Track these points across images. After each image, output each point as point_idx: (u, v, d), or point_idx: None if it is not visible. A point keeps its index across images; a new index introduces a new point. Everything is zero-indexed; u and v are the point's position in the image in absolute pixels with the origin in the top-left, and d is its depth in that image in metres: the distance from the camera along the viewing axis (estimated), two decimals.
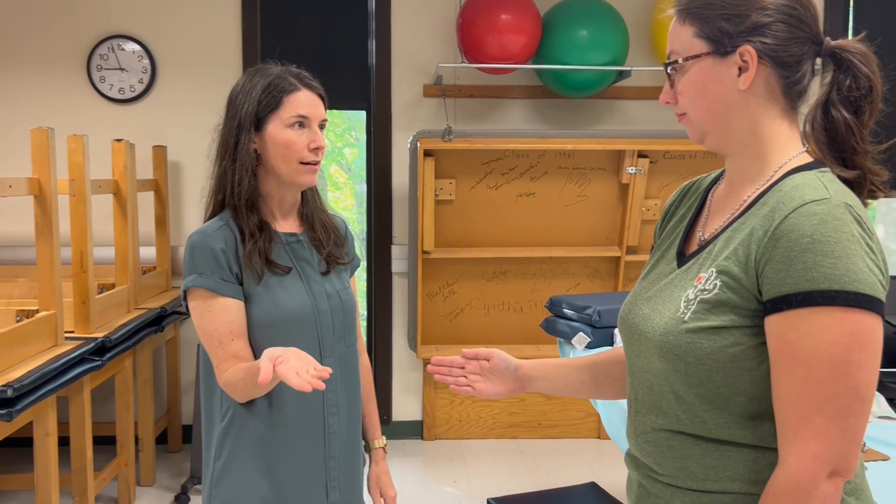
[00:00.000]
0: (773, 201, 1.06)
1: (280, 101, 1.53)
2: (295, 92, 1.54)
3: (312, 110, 1.55)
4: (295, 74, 1.57)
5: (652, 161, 3.93)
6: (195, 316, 1.51)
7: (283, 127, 1.52)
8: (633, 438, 1.21)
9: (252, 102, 1.53)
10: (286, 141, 1.52)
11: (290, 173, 1.54)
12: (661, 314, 1.13)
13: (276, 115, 1.53)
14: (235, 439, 1.54)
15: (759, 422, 1.06)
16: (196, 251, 1.51)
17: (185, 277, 1.52)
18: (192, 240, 1.53)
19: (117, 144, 3.35)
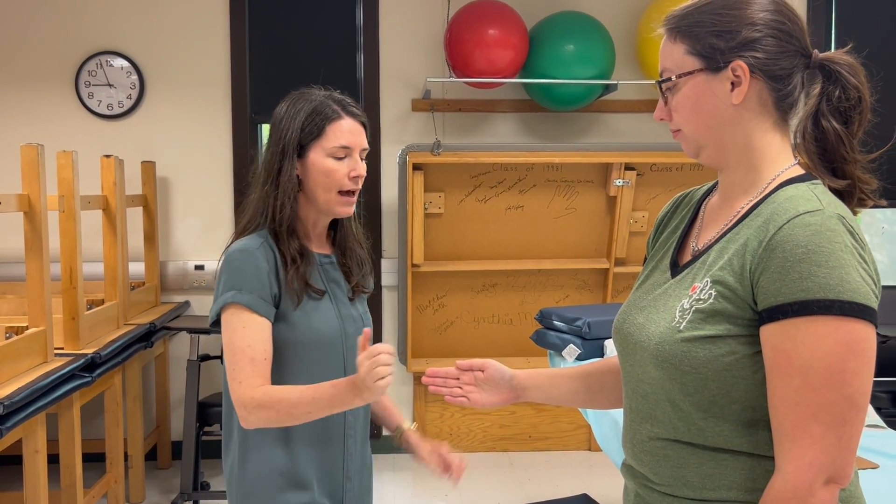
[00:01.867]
0: (767, 212, 1.08)
1: (323, 130, 1.52)
2: (338, 120, 1.53)
3: (355, 139, 1.55)
4: (338, 101, 1.56)
5: (639, 173, 3.96)
6: (228, 330, 1.46)
7: (324, 155, 1.52)
8: (629, 448, 1.22)
9: (295, 129, 1.52)
10: (327, 170, 1.52)
11: (327, 202, 1.54)
12: (657, 323, 1.14)
13: (319, 143, 1.52)
14: (255, 466, 1.53)
15: (756, 430, 1.07)
16: (238, 267, 1.48)
17: (224, 292, 1.47)
18: (234, 255, 1.49)
19: (106, 160, 3.35)
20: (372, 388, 1.33)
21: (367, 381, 1.34)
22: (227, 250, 1.53)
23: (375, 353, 1.33)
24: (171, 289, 4.08)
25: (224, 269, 1.50)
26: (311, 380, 1.47)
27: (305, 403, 1.41)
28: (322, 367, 1.54)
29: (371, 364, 1.33)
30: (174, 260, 4.08)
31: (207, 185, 4.08)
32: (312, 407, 1.41)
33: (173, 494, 3.60)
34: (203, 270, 4.08)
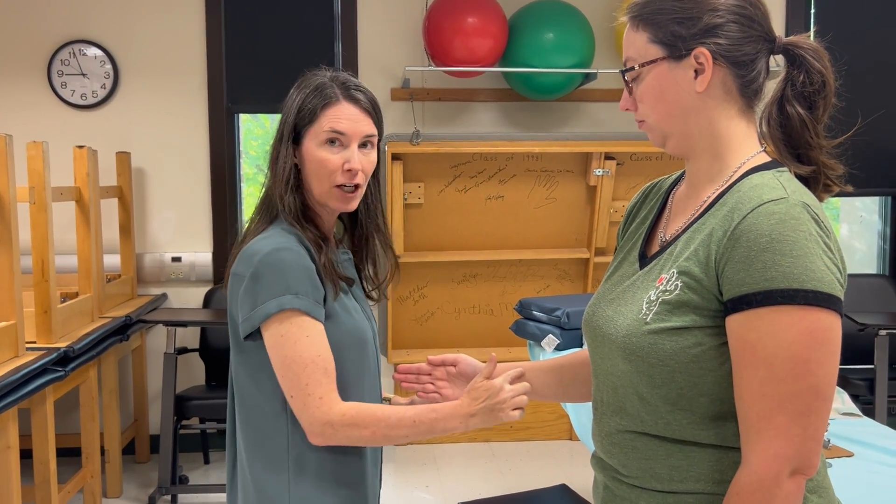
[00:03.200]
0: (732, 201, 1.06)
1: (315, 115, 1.38)
2: (334, 104, 1.38)
3: (351, 126, 1.38)
4: (341, 83, 1.41)
5: (619, 163, 3.95)
6: (287, 340, 1.30)
7: (317, 144, 1.38)
8: (598, 440, 1.21)
9: (292, 114, 1.40)
10: (318, 159, 1.38)
11: (322, 195, 1.40)
12: (624, 316, 1.13)
13: (312, 129, 1.39)
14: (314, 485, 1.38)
15: (723, 422, 1.06)
16: (289, 268, 1.32)
17: (272, 297, 1.30)
18: (281, 255, 1.32)
19: (79, 151, 3.30)
20: (509, 416, 1.33)
21: (505, 407, 1.32)
22: (253, 249, 1.34)
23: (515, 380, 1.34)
24: (147, 281, 4.04)
25: (266, 270, 1.31)
26: (349, 384, 1.38)
27: (405, 426, 1.31)
28: (364, 367, 1.44)
29: (514, 391, 1.33)
30: (151, 252, 4.04)
31: (184, 177, 4.03)
32: (412, 430, 1.31)
33: (151, 488, 3.57)
34: (180, 262, 4.03)
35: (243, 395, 1.39)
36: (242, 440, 1.41)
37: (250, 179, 6.81)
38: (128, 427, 3.89)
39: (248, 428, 1.39)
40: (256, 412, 1.38)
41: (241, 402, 1.40)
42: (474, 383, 1.34)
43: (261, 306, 1.31)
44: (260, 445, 1.38)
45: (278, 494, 1.36)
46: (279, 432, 1.37)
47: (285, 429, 1.36)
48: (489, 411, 1.31)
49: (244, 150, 4.56)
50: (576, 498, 2.46)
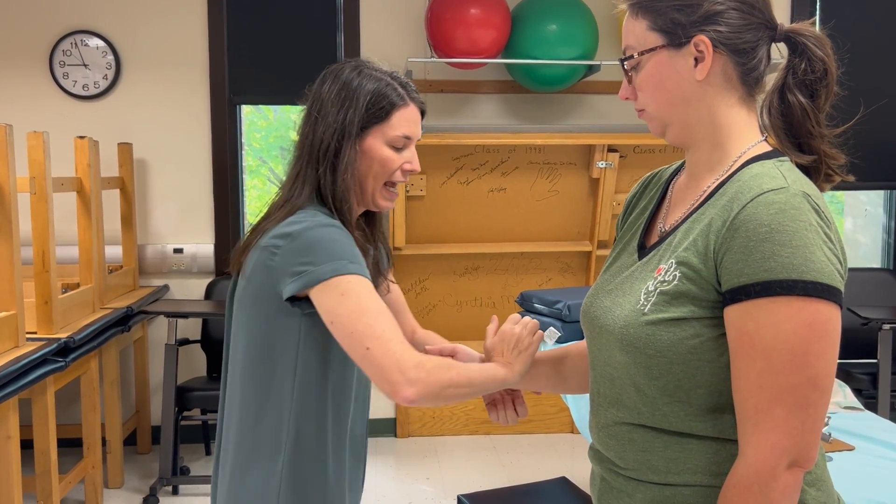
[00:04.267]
0: (731, 191, 1.05)
1: (389, 115, 1.36)
2: (404, 107, 1.38)
3: (416, 129, 1.41)
4: (403, 84, 1.40)
5: (622, 155, 3.93)
6: (350, 297, 1.22)
7: (383, 143, 1.36)
8: (595, 432, 1.20)
9: (359, 108, 1.34)
10: (383, 158, 1.36)
11: (372, 192, 1.38)
12: (622, 307, 1.12)
13: (381, 128, 1.36)
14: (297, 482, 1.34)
15: (720, 414, 1.05)
16: (340, 238, 1.28)
17: (329, 261, 1.24)
18: (331, 229, 1.28)
19: (80, 141, 3.29)
20: (535, 345, 1.35)
21: (529, 343, 1.34)
22: (293, 223, 1.28)
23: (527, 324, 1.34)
24: (149, 272, 4.04)
25: (316, 238, 1.26)
26: (340, 395, 1.36)
27: (474, 373, 1.28)
28: (354, 378, 1.41)
29: (523, 325, 1.34)
30: (152, 243, 4.04)
31: (186, 168, 4.02)
32: (480, 377, 1.28)
33: (152, 479, 3.58)
34: (182, 254, 4.03)
35: (247, 376, 1.34)
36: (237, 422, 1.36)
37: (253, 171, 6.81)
38: (129, 418, 3.90)
39: (245, 404, 1.35)
40: (259, 388, 1.33)
41: (243, 383, 1.35)
42: (490, 345, 1.36)
43: (315, 269, 1.23)
44: (254, 427, 1.34)
45: (264, 482, 1.32)
46: (278, 416, 1.32)
47: (286, 413, 1.32)
48: (519, 354, 1.33)
49: (247, 142, 4.55)
50: (576, 490, 2.45)
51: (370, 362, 1.20)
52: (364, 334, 1.21)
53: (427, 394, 1.20)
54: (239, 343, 1.36)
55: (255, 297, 1.31)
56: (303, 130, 1.40)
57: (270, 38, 4.03)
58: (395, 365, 1.19)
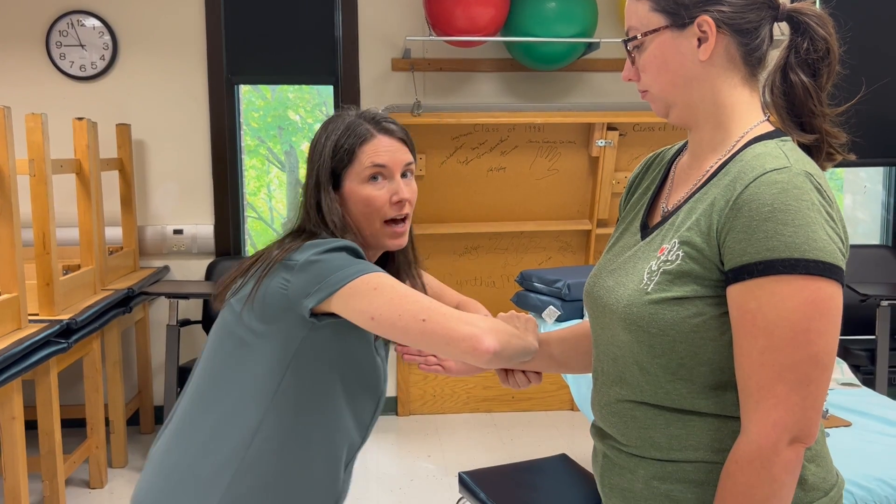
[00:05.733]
0: (734, 171, 1.06)
1: (353, 154, 1.35)
2: (370, 140, 1.36)
3: (392, 157, 1.36)
4: (370, 119, 1.38)
5: (622, 134, 3.93)
6: (384, 290, 1.21)
7: (359, 182, 1.35)
8: (597, 410, 1.21)
9: (326, 158, 1.36)
10: (365, 198, 1.35)
11: (373, 235, 1.37)
12: (625, 286, 1.13)
13: (351, 170, 1.35)
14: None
15: (723, 391, 1.06)
16: (352, 251, 1.28)
17: (353, 265, 1.24)
18: (340, 242, 1.28)
19: (78, 123, 3.28)
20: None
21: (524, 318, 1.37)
22: (310, 246, 1.27)
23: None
24: (149, 254, 4.04)
25: (338, 251, 1.26)
26: (353, 413, 1.36)
27: (527, 339, 1.30)
28: (363, 404, 1.40)
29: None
30: (152, 224, 4.04)
31: (185, 148, 4.01)
32: (526, 345, 1.30)
33: None
34: (182, 235, 4.03)
35: (220, 386, 1.31)
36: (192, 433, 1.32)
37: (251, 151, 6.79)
38: (132, 398, 3.92)
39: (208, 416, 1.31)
40: (228, 404, 1.30)
41: (214, 394, 1.31)
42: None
43: (337, 272, 1.22)
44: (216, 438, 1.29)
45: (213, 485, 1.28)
46: (242, 428, 1.28)
47: (252, 427, 1.28)
48: (525, 329, 1.34)
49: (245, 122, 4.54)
50: (575, 467, 2.48)
51: (433, 332, 1.17)
52: (414, 310, 1.18)
53: (504, 343, 1.19)
54: (223, 355, 1.33)
55: (258, 305, 1.28)
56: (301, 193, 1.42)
57: (268, 17, 4.00)
58: (461, 322, 1.17)
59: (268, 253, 1.32)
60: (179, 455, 1.30)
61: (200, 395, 1.33)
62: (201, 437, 1.29)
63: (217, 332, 1.35)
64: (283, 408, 1.28)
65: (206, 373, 1.34)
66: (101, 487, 3.34)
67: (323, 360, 1.30)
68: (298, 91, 6.50)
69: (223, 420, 1.29)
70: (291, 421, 1.29)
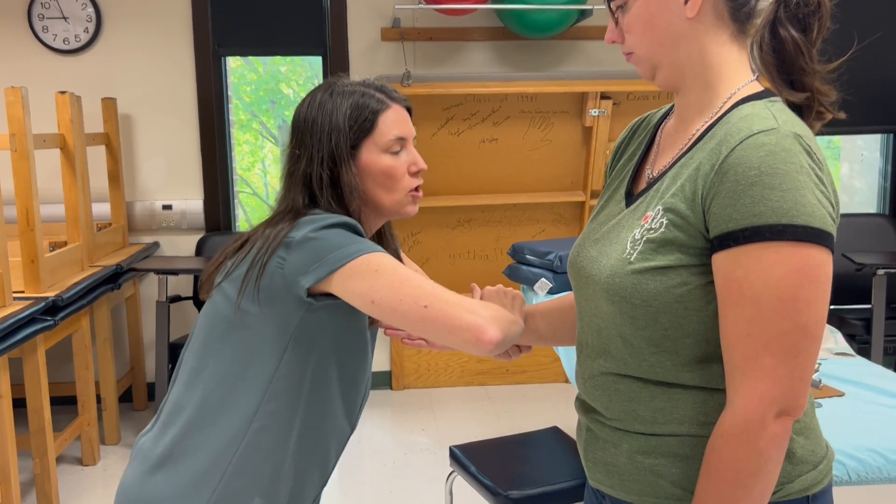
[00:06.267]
0: (721, 134, 1.02)
1: (374, 123, 1.30)
2: (387, 110, 1.31)
3: (407, 128, 1.34)
4: (379, 88, 1.35)
5: (615, 103, 3.87)
6: (385, 272, 1.16)
7: (379, 153, 1.30)
8: (581, 383, 1.18)
9: (343, 129, 1.28)
10: (387, 169, 1.30)
11: (394, 205, 1.33)
12: (608, 256, 1.09)
13: (371, 140, 1.30)
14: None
15: (708, 364, 1.03)
16: (351, 227, 1.23)
17: (354, 243, 1.19)
18: (340, 218, 1.23)
19: (61, 97, 3.22)
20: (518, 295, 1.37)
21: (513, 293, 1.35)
22: (302, 222, 1.22)
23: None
24: (139, 230, 4.00)
25: (339, 227, 1.21)
26: (344, 400, 1.31)
27: (519, 320, 1.26)
28: (355, 390, 1.34)
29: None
30: (141, 200, 3.99)
31: (172, 122, 3.95)
32: (519, 325, 1.27)
33: None
34: (171, 210, 3.99)
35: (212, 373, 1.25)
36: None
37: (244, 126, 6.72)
38: (124, 375, 3.90)
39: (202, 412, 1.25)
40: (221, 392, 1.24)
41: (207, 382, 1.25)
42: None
43: (336, 250, 1.17)
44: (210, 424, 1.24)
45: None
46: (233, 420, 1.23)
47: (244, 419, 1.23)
48: (513, 308, 1.33)
49: (236, 96, 4.47)
50: (566, 440, 2.46)
51: (434, 319, 1.14)
52: (416, 295, 1.15)
53: (505, 330, 1.15)
54: (212, 341, 1.28)
55: (267, 284, 1.22)
56: (288, 169, 1.33)
57: None
58: (463, 310, 1.13)
59: (259, 233, 1.27)
60: (171, 446, 1.25)
61: (192, 382, 1.27)
62: (194, 428, 1.25)
63: (208, 317, 1.29)
64: (279, 395, 1.24)
65: (197, 360, 1.28)
66: (93, 465, 3.33)
67: (320, 344, 1.25)
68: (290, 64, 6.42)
69: (216, 409, 1.24)
70: (288, 409, 1.24)
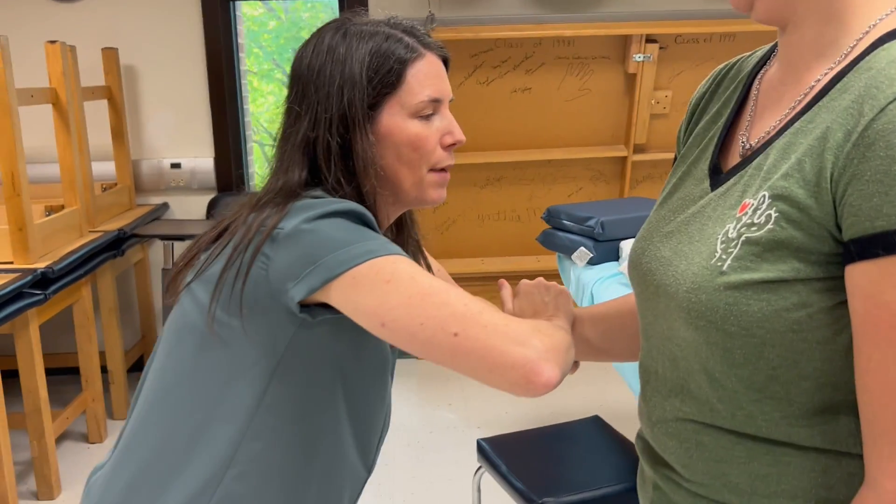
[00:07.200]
0: (859, 86, 0.70)
1: (401, 77, 0.99)
2: (419, 60, 1.01)
3: (443, 86, 1.03)
4: (407, 30, 1.03)
5: (662, 47, 3.53)
6: (401, 282, 0.87)
7: (405, 117, 1.00)
8: (647, 424, 0.88)
9: (358, 83, 0.98)
10: (413, 138, 1.00)
11: (414, 186, 1.02)
12: (689, 260, 0.78)
13: (396, 99, 0.99)
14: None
15: (834, 417, 0.73)
16: (360, 217, 0.94)
17: (357, 244, 0.89)
18: (346, 204, 0.94)
19: (51, 47, 2.94)
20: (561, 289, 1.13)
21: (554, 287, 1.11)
22: (294, 208, 0.94)
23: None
24: (147, 190, 3.75)
25: (341, 216, 0.93)
26: (357, 439, 1.04)
27: (570, 338, 0.98)
28: (370, 425, 1.07)
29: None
30: (147, 158, 3.73)
31: (179, 74, 3.66)
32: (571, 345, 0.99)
33: None
34: (180, 169, 3.72)
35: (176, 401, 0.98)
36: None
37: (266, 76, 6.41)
38: (134, 344, 3.70)
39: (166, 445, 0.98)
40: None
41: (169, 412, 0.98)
42: (517, 309, 1.08)
43: (338, 251, 0.88)
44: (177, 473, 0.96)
45: None
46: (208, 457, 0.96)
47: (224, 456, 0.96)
48: (556, 307, 1.06)
49: (257, 44, 4.16)
50: (610, 432, 2.18)
51: (468, 352, 0.83)
52: (442, 318, 0.84)
53: (564, 365, 0.86)
54: (182, 361, 0.99)
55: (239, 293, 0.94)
56: (284, 132, 1.02)
57: None
58: (509, 339, 0.83)
59: (240, 219, 0.97)
60: (122, 497, 0.98)
61: (151, 413, 0.98)
62: (150, 476, 0.96)
63: (174, 328, 1.00)
64: (263, 434, 0.95)
65: (160, 383, 0.99)
66: (99, 442, 3.14)
67: (320, 370, 0.96)
68: (312, 10, 6.10)
69: (181, 452, 0.95)
70: (276, 451, 0.96)
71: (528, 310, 1.06)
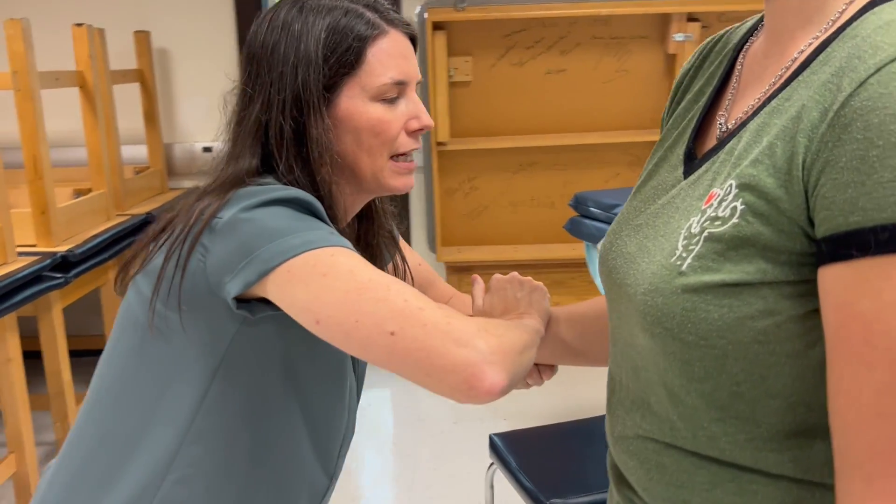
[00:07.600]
0: (840, 56, 0.60)
1: (361, 55, 0.93)
2: (381, 37, 0.94)
3: (408, 67, 0.96)
4: (370, 5, 0.96)
5: (704, 26, 3.41)
6: (339, 276, 0.80)
7: (366, 99, 0.94)
8: (611, 440, 0.80)
9: (313, 62, 0.91)
10: (373, 122, 0.94)
11: (374, 174, 0.96)
12: (651, 257, 0.69)
13: (355, 80, 0.93)
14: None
15: (808, 441, 0.63)
16: (302, 204, 0.88)
17: (295, 234, 0.82)
18: (289, 191, 0.88)
19: (78, 30, 2.94)
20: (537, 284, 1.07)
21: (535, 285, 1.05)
22: (235, 196, 0.87)
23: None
24: (179, 173, 3.76)
25: (262, 212, 0.85)
26: (314, 442, 0.97)
27: (533, 340, 0.93)
28: (330, 426, 1.00)
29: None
30: (180, 142, 3.74)
31: (211, 57, 3.65)
32: (535, 347, 0.93)
33: None
34: (212, 153, 3.71)
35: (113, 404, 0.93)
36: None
37: None
38: None
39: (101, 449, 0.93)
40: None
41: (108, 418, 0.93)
42: (486, 306, 1.03)
43: (274, 241, 0.82)
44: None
45: None
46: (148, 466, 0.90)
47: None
48: (529, 304, 1.00)
49: None
50: None
51: (404, 353, 0.76)
52: (379, 315, 0.77)
53: (513, 369, 0.78)
54: (122, 361, 0.94)
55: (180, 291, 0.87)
56: (236, 116, 0.98)
57: None
58: (450, 339, 0.75)
59: (183, 209, 0.91)
60: (58, 499, 0.94)
61: (92, 411, 0.94)
62: (86, 478, 0.92)
63: (118, 322, 0.95)
64: (205, 436, 0.89)
65: (100, 381, 0.94)
66: None
67: (266, 369, 0.90)
68: None
69: (121, 450, 0.90)
70: (220, 455, 0.90)
71: (498, 306, 0.99)
